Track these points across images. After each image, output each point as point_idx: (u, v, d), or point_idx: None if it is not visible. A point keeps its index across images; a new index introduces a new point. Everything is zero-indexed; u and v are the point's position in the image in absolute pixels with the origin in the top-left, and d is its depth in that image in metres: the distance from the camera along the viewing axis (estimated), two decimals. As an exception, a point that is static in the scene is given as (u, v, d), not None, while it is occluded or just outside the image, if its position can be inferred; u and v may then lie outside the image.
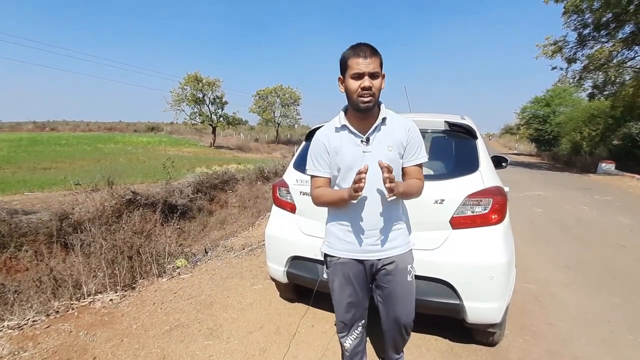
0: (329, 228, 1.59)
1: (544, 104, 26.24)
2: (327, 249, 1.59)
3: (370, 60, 1.33)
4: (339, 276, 1.55)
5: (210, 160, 17.47)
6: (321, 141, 1.50)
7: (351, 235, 1.49)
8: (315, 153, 1.51)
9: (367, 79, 1.33)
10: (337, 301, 1.61)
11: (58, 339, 2.25)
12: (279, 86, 38.68)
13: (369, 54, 1.33)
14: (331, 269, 1.58)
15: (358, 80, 1.34)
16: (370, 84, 1.33)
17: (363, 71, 1.33)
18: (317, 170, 1.52)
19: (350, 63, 1.35)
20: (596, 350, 2.29)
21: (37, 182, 9.43)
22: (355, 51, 1.35)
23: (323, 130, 1.53)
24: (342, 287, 1.56)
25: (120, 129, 46.63)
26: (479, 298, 1.90)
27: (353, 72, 1.34)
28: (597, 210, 6.85)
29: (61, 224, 4.93)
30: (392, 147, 1.44)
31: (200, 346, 2.24)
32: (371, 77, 1.34)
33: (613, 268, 3.77)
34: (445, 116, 2.31)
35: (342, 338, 1.66)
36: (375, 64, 1.34)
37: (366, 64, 1.33)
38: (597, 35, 13.95)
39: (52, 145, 21.72)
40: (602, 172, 14.08)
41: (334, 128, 1.50)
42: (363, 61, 1.33)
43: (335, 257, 1.55)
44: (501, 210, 1.93)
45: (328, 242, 1.59)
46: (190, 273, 3.44)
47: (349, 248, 1.51)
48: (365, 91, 1.34)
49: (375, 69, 1.34)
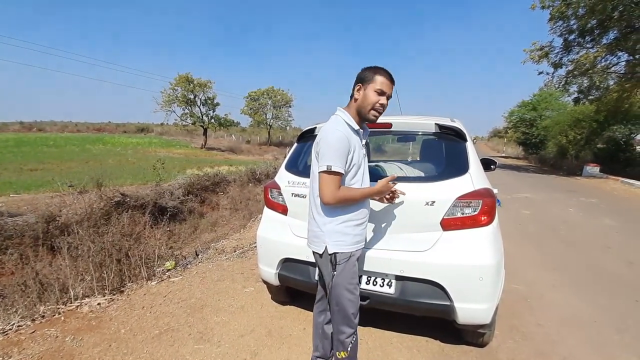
0: (334, 229, 1.60)
1: (530, 107, 26.76)
2: (338, 246, 1.60)
3: (392, 86, 1.60)
4: (351, 274, 1.65)
5: (202, 161, 17.33)
6: (348, 140, 1.55)
7: (358, 229, 1.66)
8: (341, 150, 1.52)
9: (384, 99, 1.58)
10: (347, 303, 1.64)
11: (44, 344, 2.20)
12: (271, 88, 38.65)
13: (393, 81, 1.60)
14: (341, 267, 1.61)
15: (379, 96, 1.57)
16: (386, 104, 1.60)
17: (387, 92, 1.57)
18: (341, 167, 1.53)
19: (379, 79, 1.56)
20: (584, 351, 2.33)
21: (24, 184, 9.23)
22: (386, 74, 1.58)
23: (347, 131, 1.57)
24: (355, 288, 1.66)
25: (109, 130, 45.99)
26: (469, 299, 1.92)
27: (379, 88, 1.56)
28: (583, 212, 7.00)
29: (48, 226, 4.82)
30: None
31: (190, 350, 2.21)
32: (387, 98, 1.60)
33: (599, 269, 3.84)
34: (436, 119, 2.33)
35: (347, 346, 1.68)
36: (392, 89, 1.61)
37: (390, 87, 1.59)
38: (582, 41, 14.27)
39: (39, 146, 21.28)
40: (588, 174, 14.40)
41: (350, 129, 1.60)
42: (389, 84, 1.58)
43: (347, 252, 1.62)
44: (490, 212, 1.96)
45: (339, 240, 1.60)
46: (180, 276, 3.40)
47: (358, 240, 1.67)
48: (381, 108, 1.59)
49: (390, 96, 1.61)
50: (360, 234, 1.68)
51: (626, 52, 13.54)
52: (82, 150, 20.61)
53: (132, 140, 29.14)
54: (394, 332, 2.43)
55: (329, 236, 1.61)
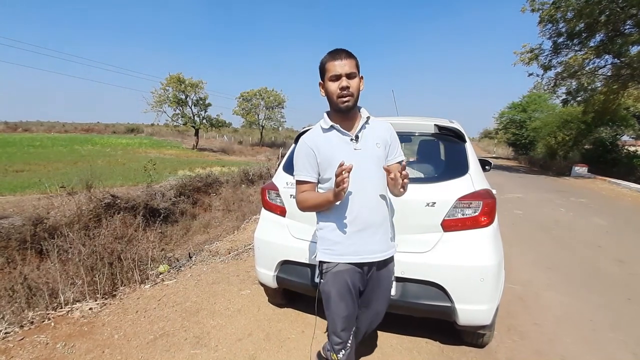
0: (323, 234, 1.53)
1: (520, 109, 27.16)
2: (325, 255, 1.51)
3: (345, 62, 1.40)
4: (338, 286, 1.48)
5: (193, 162, 17.14)
6: (308, 145, 1.51)
7: (350, 237, 1.47)
8: (302, 157, 1.52)
9: (344, 80, 1.40)
10: (334, 314, 1.52)
11: (33, 352, 2.12)
12: (264, 88, 38.49)
13: (344, 57, 1.41)
14: (329, 276, 1.50)
15: (336, 82, 1.42)
16: (347, 84, 1.40)
17: (340, 72, 1.40)
18: (303, 175, 1.52)
19: (328, 66, 1.42)
20: (581, 349, 2.35)
21: (9, 185, 8.99)
22: (331, 55, 1.43)
23: (309, 135, 1.55)
24: (340, 299, 1.49)
25: (98, 130, 45.20)
26: (470, 300, 1.92)
27: (331, 75, 1.41)
28: (573, 212, 7.11)
29: (35, 229, 4.70)
30: (380, 144, 1.50)
31: (187, 355, 2.16)
32: (348, 78, 1.41)
33: (592, 268, 3.90)
34: (434, 119, 2.33)
35: (338, 352, 1.56)
36: (351, 65, 1.41)
37: (342, 65, 1.40)
38: (571, 43, 14.56)
39: (25, 146, 20.79)
40: (576, 175, 14.67)
41: (320, 130, 1.53)
42: (339, 63, 1.40)
43: (333, 263, 1.49)
44: (491, 213, 1.96)
45: (326, 248, 1.52)
46: (174, 279, 3.33)
47: (349, 251, 1.48)
48: (344, 91, 1.41)
49: (351, 70, 1.41)
50: (351, 243, 1.47)
51: (612, 55, 13.86)
52: (70, 151, 20.18)
53: (121, 140, 28.68)
54: (392, 333, 2.41)
55: (319, 242, 1.57)
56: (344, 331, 1.53)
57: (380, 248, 1.51)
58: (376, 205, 1.49)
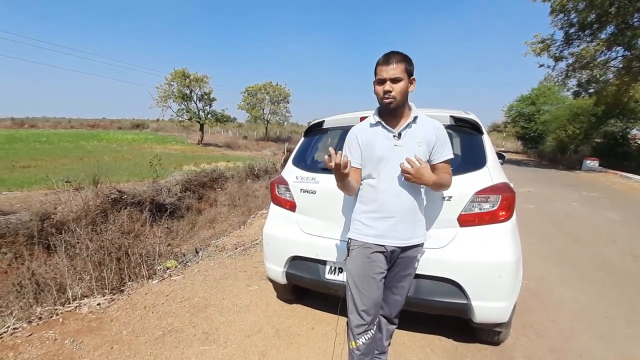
0: (355, 216, 1.67)
1: (529, 102, 26.74)
2: (353, 233, 1.64)
3: (393, 66, 1.48)
4: (361, 262, 1.59)
5: (198, 158, 17.16)
6: (354, 134, 1.66)
7: (376, 222, 1.58)
8: (349, 145, 1.66)
9: (388, 84, 1.50)
10: (355, 291, 1.60)
11: (41, 348, 2.10)
12: (269, 83, 38.27)
13: (394, 62, 1.49)
14: (354, 253, 1.61)
15: (381, 85, 1.53)
16: (390, 88, 1.49)
17: (384, 77, 1.50)
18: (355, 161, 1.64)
19: (377, 70, 1.54)
20: (598, 346, 2.28)
21: (16, 181, 9.04)
22: (383, 59, 1.53)
23: (357, 127, 1.70)
24: (363, 276, 1.59)
25: (103, 126, 45.48)
26: (487, 297, 1.85)
27: (377, 78, 1.54)
28: (585, 207, 6.97)
29: (43, 224, 4.70)
30: (422, 143, 1.57)
31: (196, 352, 2.12)
32: (393, 82, 1.49)
33: (606, 263, 3.80)
34: (449, 111, 2.24)
35: (358, 335, 1.61)
36: (398, 70, 1.48)
37: (387, 71, 1.49)
38: (582, 34, 14.23)
39: (31, 142, 20.96)
40: (587, 169, 14.44)
41: (368, 124, 1.66)
42: (385, 68, 1.50)
43: (360, 241, 1.60)
44: (509, 207, 1.88)
45: (355, 228, 1.65)
46: (182, 274, 3.30)
47: (375, 233, 1.58)
48: (386, 94, 1.51)
49: (397, 75, 1.48)
50: (377, 227, 1.58)
51: (623, 47, 13.53)
52: (76, 146, 20.30)
53: (127, 136, 28.82)
54: (404, 330, 2.35)
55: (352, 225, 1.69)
56: (364, 312, 1.59)
57: (404, 235, 1.59)
58: (403, 197, 1.57)
